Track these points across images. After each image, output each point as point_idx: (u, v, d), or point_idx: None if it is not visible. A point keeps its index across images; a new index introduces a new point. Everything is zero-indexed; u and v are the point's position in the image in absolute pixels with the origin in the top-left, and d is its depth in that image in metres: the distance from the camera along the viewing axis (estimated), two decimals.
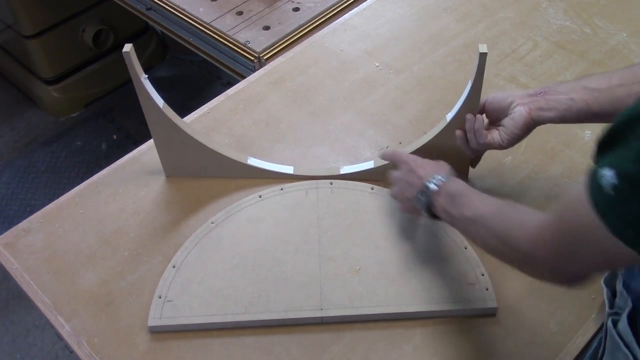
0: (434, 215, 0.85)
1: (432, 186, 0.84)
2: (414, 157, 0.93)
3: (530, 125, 0.88)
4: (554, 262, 0.65)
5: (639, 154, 0.51)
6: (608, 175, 0.53)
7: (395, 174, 0.94)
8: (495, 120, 0.93)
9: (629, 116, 0.54)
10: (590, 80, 0.86)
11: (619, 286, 0.76)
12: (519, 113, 0.88)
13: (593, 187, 0.55)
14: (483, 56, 0.86)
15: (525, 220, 0.69)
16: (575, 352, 0.84)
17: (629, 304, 0.72)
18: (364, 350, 0.85)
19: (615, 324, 0.74)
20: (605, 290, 0.81)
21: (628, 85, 0.82)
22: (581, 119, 0.86)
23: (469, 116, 0.93)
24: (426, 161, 0.91)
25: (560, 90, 0.87)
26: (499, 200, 0.77)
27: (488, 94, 0.94)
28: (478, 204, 0.77)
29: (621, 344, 0.72)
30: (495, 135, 0.91)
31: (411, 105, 1.17)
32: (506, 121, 0.90)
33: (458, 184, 0.82)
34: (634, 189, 0.52)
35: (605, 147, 0.56)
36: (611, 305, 0.78)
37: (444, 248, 0.94)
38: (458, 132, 0.95)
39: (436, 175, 0.85)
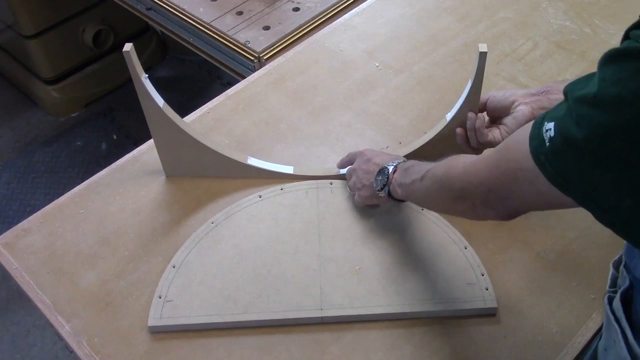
0: (390, 195, 0.88)
1: (390, 167, 0.87)
2: (369, 149, 0.98)
3: None
4: (487, 195, 0.67)
5: (579, 117, 0.54)
6: (549, 126, 0.57)
7: (351, 167, 0.98)
8: (496, 118, 0.93)
9: (577, 82, 0.57)
10: None
11: (621, 267, 0.77)
12: (521, 112, 0.88)
13: (533, 135, 0.59)
14: (483, 55, 0.86)
15: (463, 160, 0.72)
16: (575, 352, 0.84)
17: (627, 283, 0.73)
18: (364, 350, 0.85)
19: (610, 301, 0.75)
20: (611, 270, 0.81)
21: None
22: None
23: (470, 114, 0.93)
24: (381, 152, 0.96)
25: (562, 89, 0.87)
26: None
27: (488, 93, 0.94)
28: (425, 166, 0.80)
29: (612, 319, 0.73)
30: (496, 134, 0.91)
31: (411, 105, 1.17)
32: (508, 120, 0.90)
33: (410, 162, 0.86)
34: (568, 145, 0.55)
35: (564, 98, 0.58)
36: (612, 285, 0.79)
37: (444, 248, 0.94)
38: (459, 130, 0.95)
39: (394, 160, 0.89)
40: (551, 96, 0.87)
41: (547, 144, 0.56)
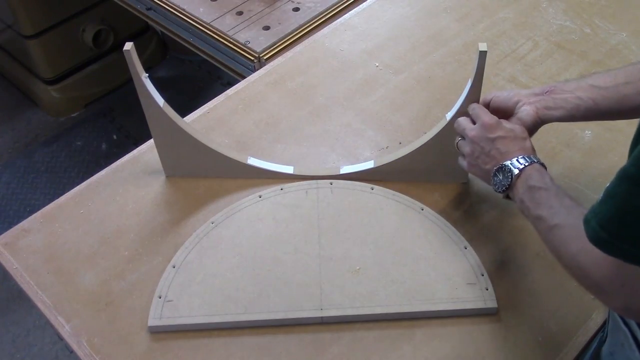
0: (507, 197, 0.82)
1: (515, 170, 0.79)
2: (494, 120, 0.86)
3: (537, 124, 0.88)
4: (622, 293, 0.63)
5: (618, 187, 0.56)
6: (594, 225, 0.58)
7: (469, 129, 0.88)
8: (500, 118, 0.93)
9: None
10: (596, 79, 0.85)
11: None
12: (526, 112, 0.87)
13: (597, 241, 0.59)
14: (483, 54, 0.86)
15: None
16: (575, 352, 0.84)
17: None
18: (364, 350, 0.85)
19: None
20: None
21: (634, 82, 0.82)
22: (588, 117, 0.86)
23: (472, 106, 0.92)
24: (506, 131, 0.84)
25: (567, 88, 0.87)
26: (577, 207, 0.73)
27: (491, 93, 0.94)
28: (554, 203, 0.74)
29: (621, 322, 0.72)
30: None
31: (411, 105, 1.17)
32: (513, 121, 0.89)
33: (540, 175, 0.78)
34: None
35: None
36: None
37: (444, 248, 0.94)
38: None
39: (519, 157, 0.80)
40: (555, 96, 0.87)
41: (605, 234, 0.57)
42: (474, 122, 0.89)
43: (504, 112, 0.91)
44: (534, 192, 0.77)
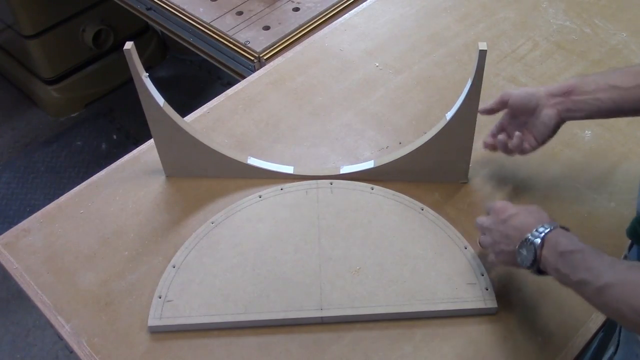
0: (540, 271, 0.77)
1: (537, 240, 0.75)
2: (503, 204, 0.84)
3: (559, 125, 0.90)
4: None
5: None
6: None
7: (484, 221, 0.86)
8: (518, 117, 0.94)
9: None
10: (615, 78, 0.86)
11: None
12: (548, 117, 0.89)
13: None
14: (483, 53, 0.86)
15: None
16: (575, 352, 0.84)
17: None
18: (364, 350, 0.85)
19: None
20: None
21: None
22: (608, 116, 0.88)
23: (500, 137, 0.94)
24: (518, 209, 0.82)
25: (586, 89, 0.87)
26: (619, 261, 0.70)
27: (506, 92, 0.94)
28: (597, 266, 0.69)
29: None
30: (530, 140, 0.93)
31: (411, 105, 1.17)
32: (537, 124, 0.90)
33: (567, 239, 0.74)
34: None
35: None
36: None
37: (444, 248, 0.94)
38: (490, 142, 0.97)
39: (538, 227, 0.76)
40: (575, 97, 0.88)
41: None
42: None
43: (524, 114, 0.92)
44: (567, 257, 0.72)
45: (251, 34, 1.40)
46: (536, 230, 0.75)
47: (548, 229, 0.75)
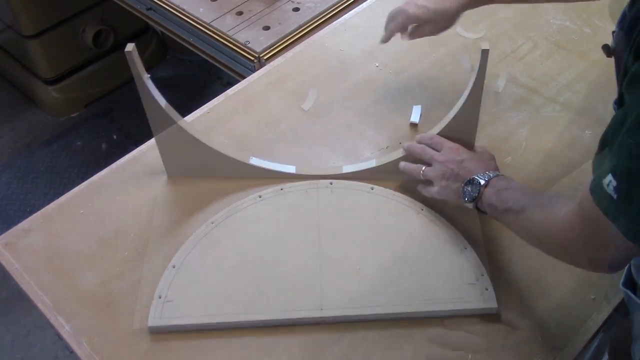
0: (477, 207, 0.89)
1: (482, 180, 0.87)
2: (458, 146, 0.96)
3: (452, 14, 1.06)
4: (587, 250, 0.69)
5: (629, 148, 0.56)
6: (608, 180, 0.58)
7: (436, 155, 0.95)
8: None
9: (611, 129, 0.61)
10: None
11: None
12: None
13: (600, 196, 0.61)
14: (485, 53, 0.86)
15: (559, 209, 0.73)
16: (575, 352, 0.84)
17: None
18: (364, 350, 0.85)
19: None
20: (624, 292, 0.82)
21: None
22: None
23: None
24: (471, 154, 0.94)
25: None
26: (538, 192, 0.82)
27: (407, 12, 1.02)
28: (519, 196, 0.81)
29: None
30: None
31: (411, 105, 1.17)
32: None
33: (506, 181, 0.86)
34: (633, 182, 0.55)
35: (599, 165, 0.62)
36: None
37: (443, 248, 0.94)
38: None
39: (486, 172, 0.89)
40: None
41: (615, 196, 0.58)
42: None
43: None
44: (502, 192, 0.84)
45: (251, 34, 1.40)
46: (483, 174, 0.88)
47: (494, 175, 0.88)
